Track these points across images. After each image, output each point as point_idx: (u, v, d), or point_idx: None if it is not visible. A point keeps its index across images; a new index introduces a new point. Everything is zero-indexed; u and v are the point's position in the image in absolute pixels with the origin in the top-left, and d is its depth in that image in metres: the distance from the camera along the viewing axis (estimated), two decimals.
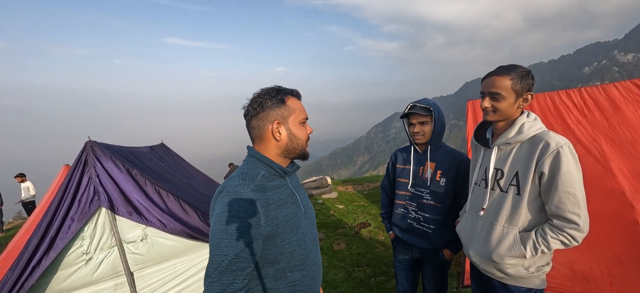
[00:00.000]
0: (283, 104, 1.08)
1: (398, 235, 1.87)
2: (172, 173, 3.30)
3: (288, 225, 1.06)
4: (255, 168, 1.08)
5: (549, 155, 1.16)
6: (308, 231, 1.16)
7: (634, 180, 3.00)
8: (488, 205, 1.35)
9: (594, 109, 3.70)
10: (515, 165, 1.27)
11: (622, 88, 3.70)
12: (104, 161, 2.10)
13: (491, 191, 1.35)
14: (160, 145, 4.05)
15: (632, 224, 2.68)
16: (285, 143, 1.10)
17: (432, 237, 1.72)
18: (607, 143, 3.40)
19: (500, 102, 1.26)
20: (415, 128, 1.70)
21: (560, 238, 1.17)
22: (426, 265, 1.82)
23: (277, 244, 1.03)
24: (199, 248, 2.61)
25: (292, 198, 1.13)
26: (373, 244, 4.10)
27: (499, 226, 1.30)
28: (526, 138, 1.26)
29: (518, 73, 1.24)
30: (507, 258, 1.26)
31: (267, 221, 1.00)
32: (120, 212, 2.13)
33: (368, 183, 8.03)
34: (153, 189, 2.26)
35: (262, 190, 1.03)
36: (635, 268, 2.43)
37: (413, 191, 1.77)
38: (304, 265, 1.11)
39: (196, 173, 4.43)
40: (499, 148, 1.34)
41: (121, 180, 2.14)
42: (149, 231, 2.29)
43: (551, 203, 1.18)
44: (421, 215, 1.74)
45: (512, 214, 1.27)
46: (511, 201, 1.27)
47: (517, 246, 1.24)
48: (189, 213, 2.42)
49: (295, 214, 1.11)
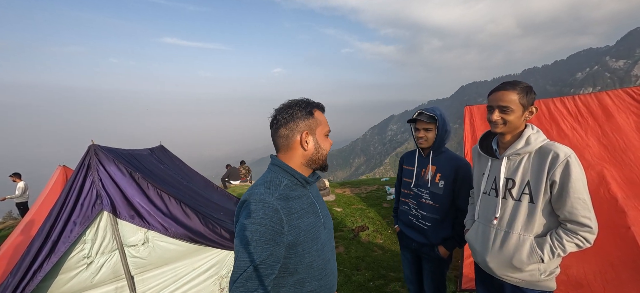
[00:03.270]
0: (311, 115, 1.12)
1: (401, 229, 2.05)
2: (173, 176, 3.30)
3: (309, 235, 1.08)
4: (279, 177, 1.10)
5: (559, 165, 1.24)
6: (327, 241, 1.18)
7: (626, 187, 3.08)
8: (501, 214, 1.40)
9: (588, 116, 3.80)
10: (527, 175, 1.34)
11: (615, 96, 3.80)
12: (107, 165, 2.10)
13: (503, 200, 1.40)
14: (159, 147, 4.05)
15: (625, 229, 2.75)
16: (311, 153, 1.13)
17: (428, 233, 1.87)
18: (600, 149, 3.48)
19: (509, 115, 1.33)
20: (420, 133, 1.83)
21: (575, 241, 1.26)
22: (424, 260, 1.97)
23: (297, 253, 1.05)
24: (200, 252, 2.62)
25: (313, 208, 1.15)
26: (371, 247, 4.14)
27: (515, 234, 1.36)
28: (534, 149, 1.34)
29: (523, 88, 1.33)
30: (528, 265, 1.33)
31: (290, 230, 1.02)
32: (122, 216, 2.13)
33: (365, 186, 8.07)
34: (155, 193, 2.27)
35: (286, 199, 1.05)
36: (628, 273, 2.49)
37: (415, 190, 1.93)
38: (322, 275, 1.13)
39: (195, 175, 4.42)
40: (509, 158, 1.40)
41: (124, 184, 2.14)
42: (150, 235, 2.30)
43: (564, 209, 1.25)
44: (420, 212, 1.90)
45: (528, 221, 1.34)
46: (526, 209, 1.34)
47: (535, 252, 1.31)
48: (191, 217, 2.43)
49: (316, 224, 1.13)
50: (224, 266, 2.77)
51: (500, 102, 1.34)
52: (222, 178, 10.28)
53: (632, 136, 3.41)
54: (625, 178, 3.14)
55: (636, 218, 2.81)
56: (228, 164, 10.84)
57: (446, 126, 1.81)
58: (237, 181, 10.39)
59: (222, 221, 3.03)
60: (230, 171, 10.35)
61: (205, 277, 2.67)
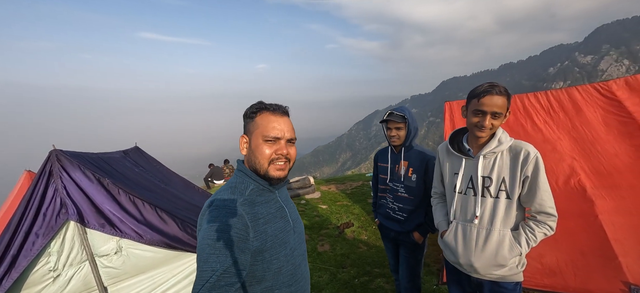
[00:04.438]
0: (252, 119, 1.07)
1: (381, 222, 2.21)
2: (148, 179, 3.15)
3: (276, 240, 1.04)
4: (244, 182, 1.06)
5: (530, 162, 1.33)
6: (297, 245, 1.15)
7: (594, 177, 3.25)
8: (481, 212, 1.43)
9: (559, 111, 3.97)
10: (502, 172, 1.39)
11: (583, 91, 3.99)
12: (71, 171, 1.96)
13: (482, 198, 1.43)
14: (134, 149, 3.85)
15: (593, 218, 2.91)
16: (247, 157, 1.09)
17: (404, 223, 2.04)
18: (571, 142, 3.65)
19: (498, 120, 1.35)
20: (392, 132, 1.97)
21: (544, 230, 1.36)
22: (402, 246, 2.12)
23: (265, 259, 1.01)
24: (179, 258, 2.52)
25: (281, 212, 1.12)
26: (356, 244, 4.16)
27: (495, 231, 1.40)
28: (506, 148, 1.39)
29: (506, 92, 1.35)
30: (510, 259, 1.39)
31: (256, 236, 0.98)
32: (91, 225, 2.00)
33: (350, 182, 8.11)
34: (127, 198, 2.14)
35: (251, 204, 1.02)
36: (596, 260, 2.63)
37: (391, 185, 2.07)
38: (292, 280, 1.09)
39: (174, 177, 4.26)
40: (485, 157, 1.42)
41: (91, 191, 2.01)
42: (123, 243, 2.18)
43: (534, 202, 1.35)
44: (397, 205, 2.05)
45: (506, 217, 1.40)
46: (504, 205, 1.39)
47: (515, 246, 1.38)
48: (167, 222, 2.33)
49: (284, 228, 1.09)
50: None
51: (494, 108, 1.31)
52: (205, 178, 10.02)
53: (599, 129, 3.60)
54: (593, 169, 3.31)
55: (603, 207, 2.97)
56: (211, 163, 10.57)
57: (414, 123, 1.97)
58: (221, 181, 10.16)
59: None
60: (213, 171, 10.10)
61: (186, 283, 2.57)
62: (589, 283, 2.51)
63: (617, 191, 3.08)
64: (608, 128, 3.57)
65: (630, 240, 2.66)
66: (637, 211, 2.85)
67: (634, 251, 2.58)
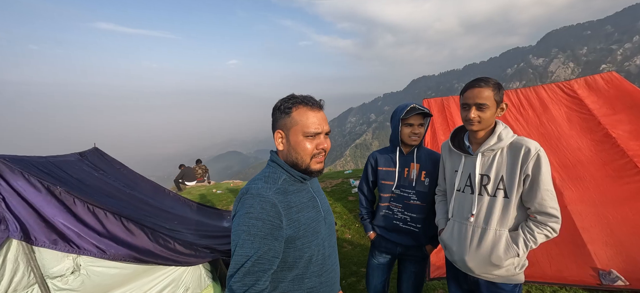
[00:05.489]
0: (288, 114, 1.05)
1: (382, 235, 1.86)
2: (111, 184, 2.81)
3: (309, 229, 1.06)
4: (277, 172, 1.08)
5: (531, 159, 1.27)
6: (327, 236, 1.16)
7: (562, 170, 3.46)
8: (477, 210, 1.38)
9: (528, 108, 4.19)
10: (500, 170, 1.34)
11: (549, 90, 4.25)
12: (12, 180, 1.63)
13: (479, 196, 1.38)
14: (93, 150, 3.43)
15: (563, 209, 3.09)
16: (286, 153, 1.08)
17: (419, 235, 1.76)
18: (539, 137, 3.87)
19: (485, 112, 1.31)
20: (415, 129, 1.70)
21: (545, 232, 1.28)
22: (408, 261, 1.85)
23: (297, 247, 1.03)
24: (151, 272, 2.25)
25: (313, 202, 1.13)
26: (340, 243, 4.08)
27: (491, 230, 1.35)
28: (506, 144, 1.35)
29: (495, 84, 1.32)
30: (505, 260, 1.32)
31: (289, 224, 1.01)
32: (39, 242, 1.69)
33: (330, 179, 8.05)
34: (85, 208, 1.85)
35: (284, 193, 1.04)
36: (568, 248, 2.80)
37: (398, 192, 1.78)
38: (322, 270, 1.11)
39: (140, 180, 3.86)
40: (483, 154, 1.38)
41: (39, 202, 1.69)
42: (82, 260, 1.88)
43: (534, 202, 1.28)
44: (408, 215, 1.76)
45: (503, 216, 1.34)
46: (501, 204, 1.34)
47: (511, 247, 1.32)
48: (135, 233, 2.06)
49: (316, 218, 1.11)
50: (181, 284, 2.44)
51: (477, 100, 1.31)
52: (175, 180, 9.40)
53: (564, 125, 3.85)
54: (560, 163, 3.53)
55: (571, 198, 3.17)
56: (181, 164, 9.94)
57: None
58: (193, 182, 9.61)
59: (177, 233, 2.67)
60: (184, 172, 9.51)
61: None
62: (563, 271, 2.65)
63: (582, 183, 3.30)
64: (571, 124, 3.84)
65: (596, 228, 2.86)
66: (599, 200, 3.08)
67: (599, 238, 2.77)
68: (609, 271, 2.50)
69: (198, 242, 2.64)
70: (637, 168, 3.15)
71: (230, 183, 9.63)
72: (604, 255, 2.65)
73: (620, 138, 3.45)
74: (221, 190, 8.25)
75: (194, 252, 2.38)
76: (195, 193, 8.15)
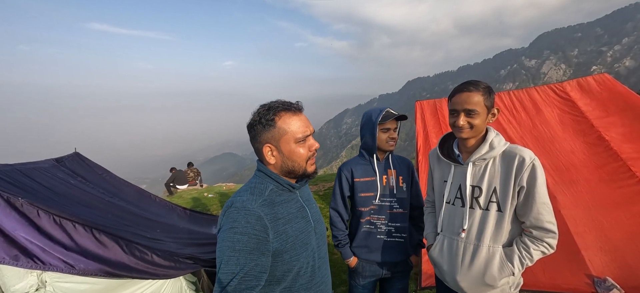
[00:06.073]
0: (273, 125, 1.01)
1: (365, 258, 1.67)
2: (88, 192, 2.67)
3: (297, 241, 1.02)
4: (264, 182, 1.05)
5: (526, 169, 1.18)
6: (317, 248, 1.12)
7: (555, 174, 3.41)
8: (469, 225, 1.29)
9: (521, 110, 4.14)
10: (493, 181, 1.25)
11: (542, 92, 4.21)
12: None
13: (470, 209, 1.29)
14: (73, 155, 3.28)
15: (556, 213, 3.03)
16: (280, 165, 1.05)
17: (405, 246, 1.67)
18: (532, 140, 3.82)
19: (475, 119, 1.22)
20: (392, 134, 1.63)
21: (541, 248, 1.20)
22: (393, 280, 1.72)
23: (285, 261, 0.99)
24: (126, 286, 2.13)
25: (302, 212, 1.09)
26: (331, 249, 3.98)
27: (484, 247, 1.26)
28: (498, 153, 1.26)
29: (485, 88, 1.23)
30: (500, 280, 1.23)
31: (276, 237, 0.97)
32: None
33: (323, 182, 7.96)
34: (51, 221, 1.72)
35: (271, 204, 1.00)
36: (562, 254, 2.72)
37: (380, 203, 1.65)
38: (311, 284, 1.07)
39: (124, 186, 3.72)
40: (474, 164, 1.29)
41: None
42: (47, 276, 1.75)
43: (530, 216, 1.19)
44: (392, 225, 1.65)
45: (496, 232, 1.25)
46: (495, 218, 1.25)
47: (506, 265, 1.23)
48: (108, 245, 1.94)
49: (305, 229, 1.07)
50: None
51: (466, 106, 1.22)
52: (166, 183, 9.21)
53: (556, 128, 3.81)
54: (553, 166, 3.48)
55: (564, 202, 3.12)
56: (173, 167, 9.75)
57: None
58: (185, 186, 9.43)
59: (158, 242, 2.54)
60: (175, 175, 9.33)
61: None
62: (557, 278, 2.59)
63: (575, 187, 3.25)
64: (564, 127, 3.80)
65: (590, 233, 2.80)
66: (593, 205, 3.03)
67: (593, 245, 2.72)
68: (604, 278, 2.44)
69: (180, 252, 2.52)
70: (630, 171, 3.11)
71: (223, 187, 9.48)
72: (599, 261, 2.59)
73: (614, 141, 3.42)
74: (213, 193, 8.10)
75: (174, 263, 2.26)
76: (186, 196, 7.99)
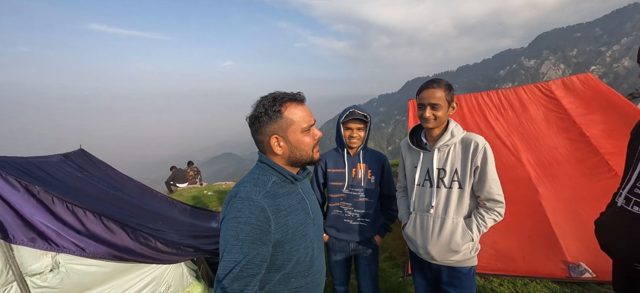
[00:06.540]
0: (280, 116, 1.03)
1: (334, 236, 1.92)
2: (94, 185, 2.83)
3: (297, 232, 1.06)
4: (267, 174, 1.07)
5: (479, 152, 1.40)
6: (315, 238, 1.17)
7: (538, 168, 3.58)
8: (436, 202, 1.49)
9: (508, 108, 4.32)
10: (455, 164, 1.46)
11: (528, 90, 4.39)
12: None
13: (437, 189, 1.49)
14: (78, 152, 3.44)
15: (537, 205, 3.20)
16: (288, 154, 1.08)
17: (367, 229, 1.89)
18: (518, 137, 3.99)
19: (439, 111, 1.42)
20: (354, 132, 1.80)
21: (493, 216, 1.43)
22: (360, 257, 1.95)
23: (285, 251, 1.03)
24: (132, 270, 2.29)
25: (303, 205, 1.13)
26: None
27: (449, 220, 1.47)
28: (458, 140, 1.46)
29: (446, 85, 1.44)
30: (462, 245, 1.45)
31: (277, 228, 1.00)
32: (17, 240, 1.72)
33: None
34: (64, 207, 1.88)
35: (273, 196, 1.03)
36: (541, 243, 2.90)
37: (348, 192, 1.87)
38: (309, 272, 1.12)
39: (128, 182, 3.88)
40: (439, 149, 1.49)
41: (17, 201, 1.73)
42: (61, 258, 1.91)
43: (484, 190, 1.42)
44: (358, 212, 1.88)
45: (458, 206, 1.46)
46: (457, 195, 1.46)
47: (467, 233, 1.45)
48: (115, 232, 2.10)
49: (305, 221, 1.11)
50: (163, 282, 2.48)
51: (431, 100, 1.42)
52: (166, 182, 9.37)
53: (541, 125, 3.98)
54: (537, 161, 3.65)
55: (546, 195, 3.28)
56: (173, 166, 9.91)
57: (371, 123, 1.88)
58: (185, 184, 9.59)
59: (160, 232, 2.70)
60: (175, 174, 9.49)
61: None
62: (536, 265, 2.75)
63: (557, 180, 3.42)
64: (548, 124, 3.97)
65: (568, 224, 2.96)
66: (573, 197, 3.19)
67: (571, 233, 2.88)
68: (577, 264, 2.60)
69: (181, 242, 2.68)
70: (608, 165, 3.27)
71: (223, 185, 9.63)
72: (574, 249, 2.75)
73: (594, 137, 3.58)
74: (212, 191, 8.26)
75: (176, 250, 2.42)
76: (186, 194, 8.14)
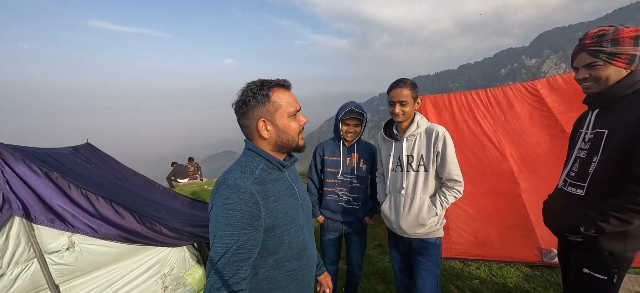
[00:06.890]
0: (267, 100, 1.04)
1: (330, 217, 2.17)
2: (102, 175, 3.04)
3: (287, 217, 1.08)
4: (254, 161, 1.08)
5: (440, 140, 1.64)
6: (305, 222, 1.20)
7: (521, 163, 3.78)
8: (407, 184, 1.73)
9: (495, 106, 4.51)
10: (420, 150, 1.71)
11: (515, 89, 4.57)
12: (14, 165, 1.87)
13: (407, 173, 1.74)
14: (86, 145, 3.65)
15: (517, 197, 3.41)
16: (275, 139, 1.08)
17: (359, 211, 2.13)
18: (503, 133, 4.19)
19: (407, 107, 1.66)
20: (350, 129, 2.05)
21: (453, 194, 1.67)
22: (352, 235, 2.20)
23: (276, 236, 1.05)
24: (139, 252, 2.50)
25: (291, 190, 1.14)
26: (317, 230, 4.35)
27: (417, 198, 1.72)
28: (423, 130, 1.70)
29: (412, 84, 1.67)
30: (428, 219, 1.68)
31: (267, 214, 1.01)
32: (38, 220, 1.93)
33: None
34: (79, 192, 2.09)
35: (262, 182, 1.04)
36: (519, 231, 3.11)
37: (342, 178, 2.13)
38: (301, 255, 1.15)
39: (132, 174, 4.10)
40: (407, 139, 1.73)
41: (38, 185, 1.93)
42: (76, 238, 2.12)
43: (444, 171, 1.67)
44: (351, 196, 2.13)
45: (425, 186, 1.71)
46: (423, 177, 1.71)
47: (431, 209, 1.68)
48: (124, 216, 2.31)
49: (294, 206, 1.13)
50: (167, 264, 2.69)
51: (399, 98, 1.65)
52: (167, 177, 9.60)
53: (526, 122, 4.17)
54: (520, 156, 3.85)
55: (526, 188, 3.49)
56: (174, 162, 10.13)
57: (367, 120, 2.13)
58: (185, 179, 9.81)
59: (163, 220, 2.92)
60: (176, 169, 9.71)
61: (146, 277, 2.57)
62: (513, 251, 2.96)
63: (538, 174, 3.62)
64: (532, 121, 4.16)
65: None
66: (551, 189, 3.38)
67: None
68: (549, 250, 2.81)
69: (183, 229, 2.90)
70: None
71: None
72: (548, 236, 2.96)
73: None
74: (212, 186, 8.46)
75: (179, 235, 2.64)
76: (187, 190, 8.36)
